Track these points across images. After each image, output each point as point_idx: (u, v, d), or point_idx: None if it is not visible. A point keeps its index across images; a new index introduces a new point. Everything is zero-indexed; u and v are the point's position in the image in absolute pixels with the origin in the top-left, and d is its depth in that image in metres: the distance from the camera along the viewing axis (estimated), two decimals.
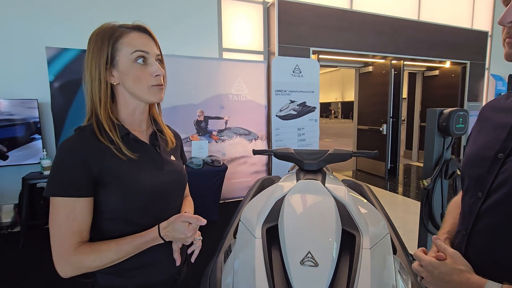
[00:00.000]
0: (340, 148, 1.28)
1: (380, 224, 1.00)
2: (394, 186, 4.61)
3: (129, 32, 0.69)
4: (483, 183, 0.56)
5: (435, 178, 1.62)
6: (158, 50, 0.73)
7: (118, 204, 0.68)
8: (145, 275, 0.74)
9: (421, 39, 4.82)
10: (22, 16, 2.91)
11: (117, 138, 0.68)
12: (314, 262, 0.75)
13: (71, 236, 0.63)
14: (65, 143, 0.65)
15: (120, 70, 0.68)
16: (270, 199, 1.05)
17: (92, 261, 0.63)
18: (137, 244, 0.67)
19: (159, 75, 0.71)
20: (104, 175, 0.66)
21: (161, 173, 0.75)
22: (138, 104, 0.74)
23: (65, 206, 0.62)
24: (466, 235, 0.59)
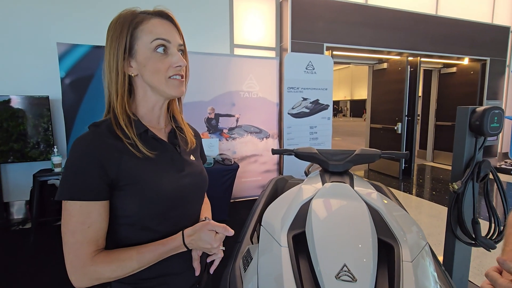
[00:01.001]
0: (368, 148, 1.18)
1: (418, 232, 0.90)
2: (409, 187, 4.46)
3: (150, 18, 0.62)
4: None
5: (465, 181, 1.50)
6: (181, 40, 0.66)
7: (135, 209, 0.61)
8: (163, 285, 0.67)
9: (438, 34, 4.64)
10: (33, 12, 2.89)
11: (133, 135, 0.61)
12: (351, 277, 0.67)
13: (87, 244, 0.56)
14: (80, 142, 0.58)
15: (139, 60, 0.62)
16: (294, 203, 0.97)
17: (112, 272, 0.57)
18: (159, 253, 0.61)
19: (180, 66, 0.64)
20: (121, 177, 0.59)
21: (181, 175, 0.68)
22: (158, 99, 0.67)
23: (81, 211, 0.56)
24: None
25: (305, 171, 1.74)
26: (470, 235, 1.51)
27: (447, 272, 1.66)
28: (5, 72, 2.87)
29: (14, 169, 3.00)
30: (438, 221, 3.11)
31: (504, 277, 0.51)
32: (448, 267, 1.65)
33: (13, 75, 2.89)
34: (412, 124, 4.87)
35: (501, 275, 0.52)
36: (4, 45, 2.84)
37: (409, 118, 4.83)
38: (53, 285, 1.95)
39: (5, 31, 2.83)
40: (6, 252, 2.40)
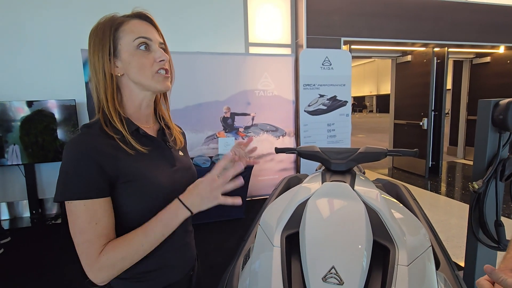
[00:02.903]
0: (373, 146, 1.13)
1: (421, 234, 0.85)
2: (436, 186, 4.21)
3: (130, 19, 0.66)
4: None
5: (488, 180, 1.40)
6: (161, 38, 0.69)
7: (134, 205, 0.63)
8: (162, 277, 0.70)
9: (469, 22, 4.31)
10: (59, 20, 3.09)
11: (127, 133, 0.64)
12: (338, 280, 0.65)
13: (98, 240, 0.57)
14: (74, 144, 0.59)
15: (123, 59, 0.64)
16: (291, 202, 0.96)
17: (123, 253, 0.58)
18: (162, 222, 0.61)
19: (163, 60, 0.66)
20: (119, 175, 0.61)
21: (173, 170, 0.71)
22: (144, 96, 0.69)
23: (86, 210, 0.57)
24: None
25: (316, 169, 1.71)
26: (493, 238, 1.40)
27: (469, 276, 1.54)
28: (36, 78, 3.10)
29: (48, 168, 3.24)
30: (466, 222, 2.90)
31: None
32: (470, 271, 1.55)
33: (41, 81, 3.12)
34: (440, 119, 4.59)
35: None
36: (33, 52, 3.07)
37: (436, 113, 4.55)
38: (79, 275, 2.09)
39: (33, 37, 3.06)
40: (42, 244, 2.61)
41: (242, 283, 0.87)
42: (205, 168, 2.90)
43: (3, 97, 2.96)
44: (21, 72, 3.06)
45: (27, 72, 3.08)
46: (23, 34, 3.03)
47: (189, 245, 0.79)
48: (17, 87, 3.06)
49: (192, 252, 0.81)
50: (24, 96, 3.03)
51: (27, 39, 3.04)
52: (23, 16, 3.01)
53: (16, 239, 2.72)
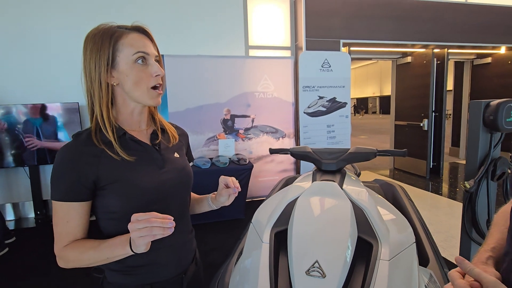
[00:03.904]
0: (363, 147, 1.16)
1: (405, 231, 0.88)
2: (437, 187, 4.21)
3: (129, 33, 0.68)
4: None
5: (479, 180, 1.42)
6: (156, 51, 0.72)
7: (119, 205, 0.68)
8: (150, 273, 0.73)
9: (469, 23, 4.32)
10: (63, 23, 3.17)
11: (113, 139, 0.68)
12: (321, 273, 0.68)
13: (65, 236, 0.66)
14: (62, 151, 0.66)
15: (120, 71, 0.68)
16: (282, 201, 0.99)
17: (76, 256, 0.65)
18: (112, 248, 0.63)
19: (159, 75, 0.70)
20: (100, 179, 0.66)
21: (161, 172, 0.74)
22: (136, 105, 0.73)
23: (61, 209, 0.65)
24: None
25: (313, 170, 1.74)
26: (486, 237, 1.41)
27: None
28: (40, 82, 3.18)
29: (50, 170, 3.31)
30: None
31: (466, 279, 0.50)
32: None
33: (45, 84, 3.19)
34: (440, 120, 4.59)
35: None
36: (38, 56, 3.16)
37: (436, 114, 4.55)
38: (81, 275, 2.14)
39: (37, 42, 3.14)
40: (46, 244, 2.67)
41: (233, 279, 0.91)
42: (205, 169, 2.94)
43: (7, 100, 3.04)
44: (25, 75, 3.15)
45: (32, 75, 3.16)
46: (28, 38, 3.11)
47: (183, 246, 0.81)
48: (22, 90, 3.14)
49: (187, 254, 0.82)
50: (28, 99, 3.10)
51: (31, 42, 3.13)
52: (28, 20, 3.10)
53: (20, 239, 2.78)
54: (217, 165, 3.03)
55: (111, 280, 0.73)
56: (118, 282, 0.73)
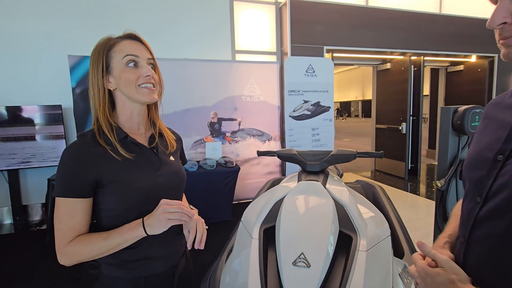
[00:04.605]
0: (344, 149, 1.25)
1: (381, 226, 0.97)
2: (415, 187, 4.42)
3: (121, 40, 0.75)
4: (481, 187, 0.53)
5: (449, 179, 1.55)
6: (149, 55, 0.78)
7: (115, 203, 0.72)
8: (144, 267, 0.78)
9: (443, 33, 4.60)
10: (46, 26, 3.12)
11: (115, 140, 0.72)
12: (306, 263, 0.75)
13: (70, 231, 0.69)
14: (68, 149, 0.71)
15: (115, 75, 0.74)
16: (270, 200, 1.06)
17: (82, 252, 0.68)
18: (122, 234, 0.69)
19: (148, 76, 0.75)
20: (102, 178, 0.70)
21: (157, 174, 0.79)
22: (135, 107, 0.78)
23: (66, 205, 0.69)
24: (464, 243, 0.56)
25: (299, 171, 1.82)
26: None
27: None
28: (21, 83, 3.10)
29: (32, 174, 3.22)
30: None
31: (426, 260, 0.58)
32: None
33: (28, 86, 3.12)
34: (418, 123, 4.83)
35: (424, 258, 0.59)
36: (19, 58, 3.08)
37: (414, 117, 4.79)
38: (67, 280, 2.10)
39: (19, 44, 3.06)
40: (26, 250, 2.59)
41: (225, 274, 0.96)
42: (192, 171, 2.96)
43: None
44: (6, 77, 3.06)
45: (13, 77, 3.08)
46: (9, 40, 3.03)
47: (173, 242, 0.86)
48: (2, 92, 3.05)
49: (177, 248, 0.88)
50: (9, 101, 3.01)
51: (13, 44, 3.05)
52: (9, 22, 3.02)
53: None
54: (204, 167, 3.06)
55: (106, 273, 0.77)
56: (114, 275, 0.76)
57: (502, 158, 0.50)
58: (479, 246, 0.51)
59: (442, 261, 0.53)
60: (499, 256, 0.48)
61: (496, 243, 0.48)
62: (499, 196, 0.48)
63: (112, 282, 0.76)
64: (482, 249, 0.51)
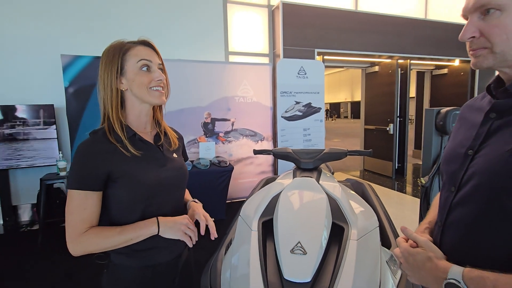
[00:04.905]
0: (336, 148, 1.34)
1: (370, 218, 1.05)
2: (402, 186, 4.59)
3: (136, 46, 0.81)
4: (455, 178, 0.61)
5: (432, 176, 1.65)
6: (159, 60, 0.84)
7: (124, 196, 0.78)
8: (152, 256, 0.83)
9: (428, 38, 4.79)
10: (39, 26, 3.09)
11: (125, 138, 0.78)
12: (303, 251, 0.82)
13: (82, 222, 0.74)
14: (82, 146, 0.76)
15: (128, 77, 0.79)
16: (267, 195, 1.13)
17: (98, 242, 0.73)
18: (136, 230, 0.76)
19: (160, 80, 0.82)
20: (113, 172, 0.76)
21: (163, 170, 0.85)
22: (143, 107, 0.84)
23: (79, 198, 0.73)
24: (441, 227, 0.65)
25: None
26: None
27: None
28: (13, 82, 3.06)
29: (22, 174, 3.18)
30: None
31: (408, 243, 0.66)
32: None
33: (21, 85, 3.09)
34: (404, 124, 5.01)
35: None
36: (11, 57, 3.04)
37: (401, 119, 4.96)
38: (61, 281, 2.11)
39: (11, 43, 3.03)
40: (16, 251, 2.57)
41: (225, 265, 1.02)
42: (205, 170, 3.05)
43: None
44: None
45: (4, 76, 3.04)
46: (1, 39, 2.99)
47: None
48: None
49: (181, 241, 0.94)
50: (1, 101, 2.97)
51: (5, 43, 3.01)
52: (1, 21, 2.98)
53: None
54: (198, 167, 3.10)
55: (116, 261, 0.82)
56: (123, 263, 0.82)
57: (472, 153, 0.58)
58: (453, 228, 0.60)
59: (422, 242, 0.61)
60: (468, 236, 0.56)
61: (467, 224, 0.56)
62: (469, 184, 0.56)
63: (121, 271, 0.81)
64: (455, 231, 0.59)
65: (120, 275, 0.81)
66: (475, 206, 0.54)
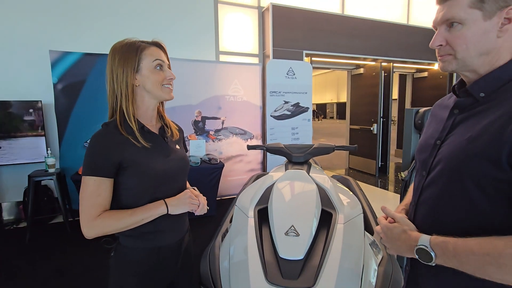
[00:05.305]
0: (324, 143, 1.44)
1: (355, 206, 1.16)
2: (384, 183, 4.80)
3: (150, 46, 0.88)
4: (426, 164, 0.72)
5: (411, 171, 1.79)
6: (168, 61, 0.93)
7: (134, 183, 0.84)
8: (157, 238, 0.90)
9: (410, 42, 5.02)
10: (27, 21, 3.04)
11: (135, 130, 0.85)
12: (296, 233, 0.92)
13: (96, 207, 0.79)
14: (96, 136, 0.82)
15: (143, 74, 0.86)
16: (261, 186, 1.22)
17: (111, 224, 0.80)
18: (147, 215, 0.83)
19: (171, 78, 0.91)
20: (124, 161, 0.82)
21: (168, 159, 0.92)
22: (152, 102, 0.91)
23: (93, 184, 0.79)
24: (414, 206, 0.75)
25: None
26: None
27: None
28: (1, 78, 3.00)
29: (7, 171, 3.12)
30: None
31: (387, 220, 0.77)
32: None
33: (8, 81, 3.03)
34: (387, 125, 5.23)
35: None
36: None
37: (384, 119, 5.18)
38: (52, 277, 2.11)
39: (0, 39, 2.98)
40: (2, 249, 2.53)
41: (223, 248, 1.10)
42: (196, 167, 3.10)
43: None
44: None
45: None
46: None
47: (181, 218, 0.99)
48: None
49: (184, 224, 1.01)
50: None
51: None
52: None
53: None
54: None
55: (124, 244, 0.89)
56: (131, 245, 0.88)
57: (440, 143, 0.69)
58: (424, 206, 0.71)
59: (398, 218, 0.72)
60: (436, 212, 0.67)
61: (434, 202, 0.67)
62: (436, 169, 0.67)
63: (129, 252, 0.88)
64: (425, 208, 0.70)
65: (128, 256, 0.88)
66: (441, 186, 0.65)
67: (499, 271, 0.51)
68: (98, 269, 2.17)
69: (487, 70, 0.63)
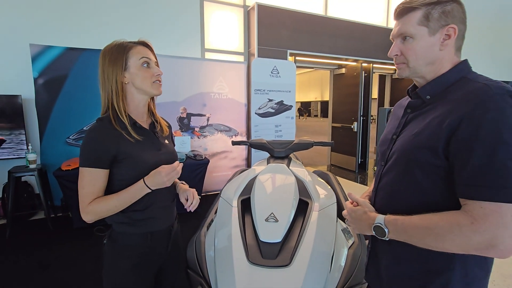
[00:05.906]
0: (304, 139, 1.55)
1: (330, 197, 1.28)
2: (364, 179, 5.02)
3: (137, 45, 0.94)
4: (384, 155, 0.84)
5: None
6: (155, 58, 0.99)
7: (127, 174, 0.91)
8: (149, 225, 0.98)
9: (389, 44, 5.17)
10: (6, 13, 2.96)
11: (128, 125, 0.91)
12: (275, 219, 1.02)
13: (91, 195, 0.87)
14: (92, 129, 0.88)
15: (131, 72, 0.93)
16: (245, 179, 1.31)
17: (102, 207, 0.86)
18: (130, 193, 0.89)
19: (159, 75, 0.97)
20: (119, 154, 0.89)
21: (159, 153, 0.99)
22: (142, 98, 0.98)
23: (90, 174, 0.86)
24: (374, 191, 0.87)
25: None
26: None
27: None
28: None
29: None
30: None
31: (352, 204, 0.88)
32: None
33: None
34: (367, 123, 5.46)
35: None
36: None
37: (364, 118, 5.40)
38: (36, 272, 2.11)
39: None
40: None
41: (208, 236, 1.18)
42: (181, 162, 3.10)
43: None
44: None
45: None
46: None
47: (170, 206, 1.07)
48: None
49: (173, 212, 1.09)
50: None
51: None
52: None
53: None
54: None
55: (118, 230, 0.95)
56: (125, 231, 0.95)
57: (395, 137, 0.81)
58: (381, 191, 0.82)
59: (361, 202, 0.83)
60: (391, 196, 0.79)
61: (389, 188, 0.79)
62: (391, 159, 0.79)
63: (123, 237, 0.94)
64: (382, 193, 0.82)
65: (122, 241, 0.94)
66: (395, 174, 0.77)
67: (435, 240, 0.63)
68: (82, 262, 2.19)
69: (432, 77, 0.75)
